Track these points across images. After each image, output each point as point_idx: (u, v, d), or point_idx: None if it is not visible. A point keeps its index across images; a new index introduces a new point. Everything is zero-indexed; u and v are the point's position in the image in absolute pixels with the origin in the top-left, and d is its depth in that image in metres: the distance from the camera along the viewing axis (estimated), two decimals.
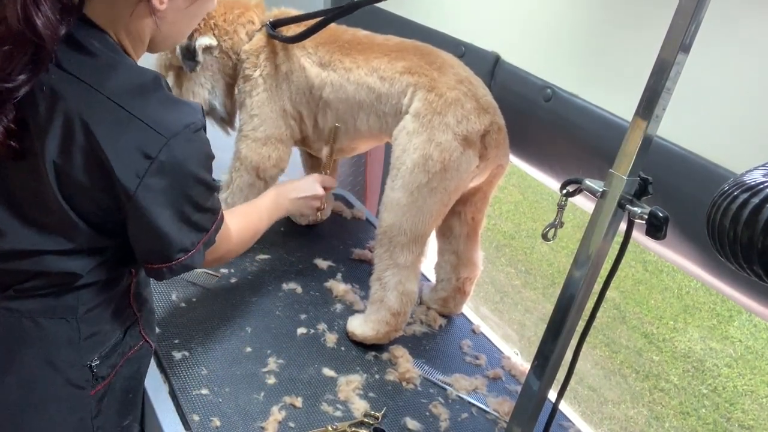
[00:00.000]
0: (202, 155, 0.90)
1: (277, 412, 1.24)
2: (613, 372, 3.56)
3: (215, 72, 1.60)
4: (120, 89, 0.84)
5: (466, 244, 1.62)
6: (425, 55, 1.47)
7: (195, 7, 0.94)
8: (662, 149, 1.11)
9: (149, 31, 0.92)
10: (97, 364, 0.98)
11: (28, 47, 0.80)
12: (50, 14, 0.80)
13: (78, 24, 0.85)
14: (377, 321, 1.47)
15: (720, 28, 1.02)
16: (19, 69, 0.81)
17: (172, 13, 0.91)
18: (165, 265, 0.94)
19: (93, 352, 0.98)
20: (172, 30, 0.94)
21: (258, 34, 1.58)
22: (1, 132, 0.83)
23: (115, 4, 0.87)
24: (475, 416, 1.39)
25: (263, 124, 1.58)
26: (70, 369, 0.96)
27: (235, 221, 1.11)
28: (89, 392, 0.98)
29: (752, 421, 3.39)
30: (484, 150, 1.41)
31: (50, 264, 0.91)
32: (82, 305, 0.95)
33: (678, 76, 0.82)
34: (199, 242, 0.95)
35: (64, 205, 0.86)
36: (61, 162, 0.84)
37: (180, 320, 1.44)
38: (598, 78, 1.29)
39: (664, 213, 0.83)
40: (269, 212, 1.30)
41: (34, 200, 0.88)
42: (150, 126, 0.83)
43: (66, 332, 0.95)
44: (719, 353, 3.86)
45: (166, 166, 0.85)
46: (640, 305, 4.20)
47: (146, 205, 0.86)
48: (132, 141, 0.83)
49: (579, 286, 0.93)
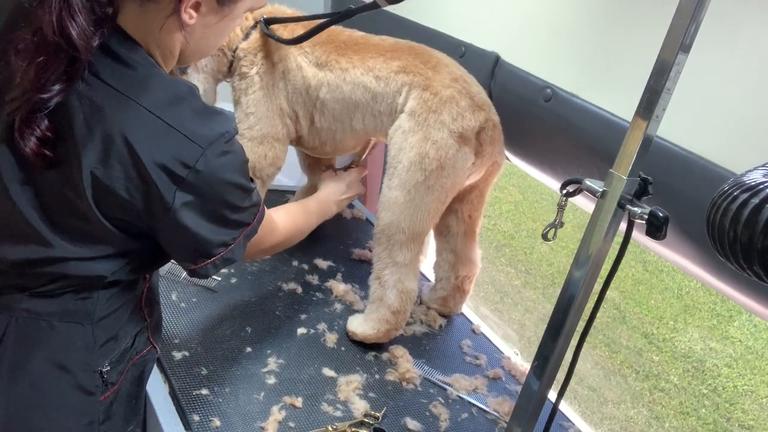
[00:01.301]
0: (239, 162, 0.91)
1: (277, 412, 1.24)
2: (613, 372, 3.56)
3: (208, 73, 1.60)
4: (157, 100, 0.85)
5: (464, 242, 1.62)
6: (420, 55, 1.47)
7: (224, 22, 0.94)
8: (662, 149, 1.11)
9: (179, 44, 0.93)
10: (108, 370, 0.98)
11: (62, 58, 0.81)
12: (85, 25, 0.81)
13: (113, 35, 0.86)
14: (377, 320, 1.47)
15: (720, 28, 1.03)
16: (54, 79, 0.81)
17: (200, 29, 0.92)
18: (207, 262, 0.95)
19: (105, 358, 0.98)
20: (201, 44, 0.95)
21: (254, 32, 1.58)
22: (35, 141, 0.84)
23: (146, 18, 0.88)
24: (475, 416, 1.39)
25: (259, 122, 1.58)
26: (81, 374, 0.96)
27: (282, 216, 1.15)
28: (98, 398, 0.98)
29: (752, 421, 3.39)
30: (480, 147, 1.42)
31: (74, 268, 0.91)
32: (99, 310, 0.96)
33: (678, 76, 0.82)
34: (240, 235, 0.96)
35: (97, 212, 0.87)
36: (100, 172, 0.85)
37: (180, 320, 1.44)
38: (598, 78, 1.29)
39: (664, 213, 0.83)
40: (318, 213, 1.37)
41: (66, 208, 0.89)
42: (187, 136, 0.85)
43: (80, 337, 0.95)
44: (719, 353, 3.87)
45: (204, 175, 0.86)
46: (640, 305, 4.21)
47: (184, 215, 0.87)
48: (170, 151, 0.84)
49: (579, 286, 0.93)
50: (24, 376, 0.93)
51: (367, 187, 2.43)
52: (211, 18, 0.92)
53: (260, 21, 1.55)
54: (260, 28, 1.55)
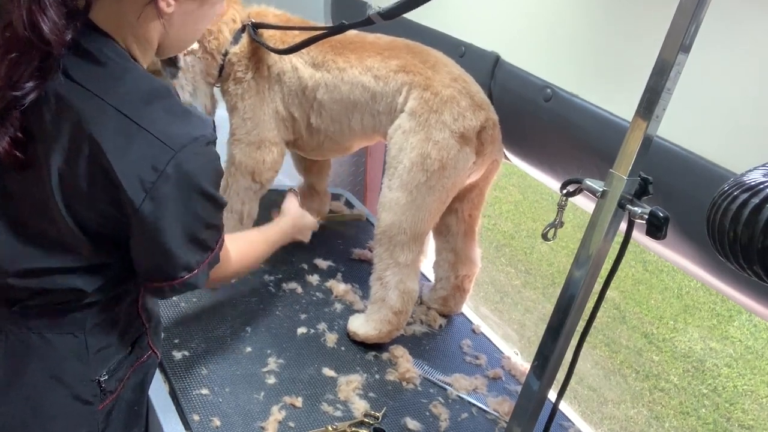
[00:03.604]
0: (212, 170, 0.87)
1: (277, 412, 1.24)
2: (613, 372, 3.56)
3: (197, 74, 1.56)
4: (128, 99, 0.82)
5: (463, 241, 1.63)
6: (418, 54, 1.47)
7: (203, 9, 0.91)
8: (662, 149, 1.11)
9: (157, 35, 0.90)
10: (105, 378, 0.96)
11: (35, 54, 0.79)
12: (56, 19, 0.78)
13: (84, 30, 0.84)
14: (379, 320, 1.47)
15: (720, 28, 1.02)
16: (27, 77, 0.79)
17: (179, 17, 0.89)
18: (167, 283, 0.91)
19: (101, 367, 0.96)
20: (180, 33, 0.92)
21: (243, 36, 1.54)
22: (8, 141, 0.82)
23: (121, 8, 0.85)
24: (475, 416, 1.39)
25: (256, 127, 1.57)
26: (77, 384, 0.94)
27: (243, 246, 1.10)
28: (97, 407, 0.97)
29: (752, 421, 3.39)
30: (481, 146, 1.42)
31: (56, 282, 0.89)
32: (90, 320, 0.94)
33: (678, 76, 0.82)
34: (204, 261, 0.92)
35: (66, 215, 0.85)
36: (67, 172, 0.83)
37: (180, 320, 1.44)
38: (598, 78, 1.28)
39: (664, 213, 0.83)
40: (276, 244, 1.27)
41: (36, 211, 0.87)
42: (158, 138, 0.81)
43: (73, 347, 0.93)
44: (719, 353, 3.86)
45: (174, 179, 0.82)
46: (640, 305, 4.20)
47: (152, 219, 0.83)
48: (139, 153, 0.81)
49: (579, 286, 0.93)
50: (18, 390, 0.92)
51: (367, 187, 2.43)
52: (190, 4, 0.89)
53: (248, 25, 1.52)
54: (249, 33, 1.52)
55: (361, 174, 2.41)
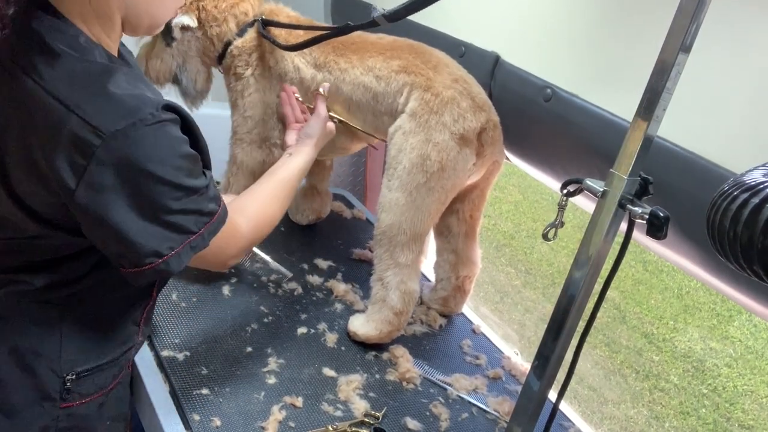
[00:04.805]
0: (162, 152, 0.81)
1: (277, 412, 1.24)
2: (613, 372, 3.56)
3: (191, 50, 1.54)
4: (61, 81, 0.79)
5: (464, 242, 1.62)
6: (420, 54, 1.47)
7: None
8: (662, 149, 1.11)
9: (117, 10, 0.86)
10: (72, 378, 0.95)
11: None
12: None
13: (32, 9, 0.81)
14: (380, 321, 1.47)
15: (720, 28, 1.02)
16: None
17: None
18: (137, 269, 0.86)
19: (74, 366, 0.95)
20: (142, 7, 0.87)
21: (250, 31, 1.54)
22: None
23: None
24: (475, 416, 1.39)
25: (257, 126, 1.57)
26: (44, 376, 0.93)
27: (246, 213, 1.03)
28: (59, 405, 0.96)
29: (752, 421, 3.39)
30: (481, 148, 1.42)
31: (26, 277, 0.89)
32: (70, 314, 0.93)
33: (678, 76, 0.82)
34: (180, 245, 0.87)
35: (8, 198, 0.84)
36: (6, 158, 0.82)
37: (180, 320, 1.44)
38: (598, 78, 1.29)
39: (664, 213, 0.83)
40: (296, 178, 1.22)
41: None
42: (88, 122, 0.77)
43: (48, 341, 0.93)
44: (719, 353, 3.87)
45: (108, 162, 0.78)
46: (640, 305, 4.21)
47: (92, 205, 0.80)
48: (69, 138, 0.77)
49: (579, 287, 0.93)
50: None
51: (367, 187, 2.43)
52: None
53: (258, 20, 1.53)
54: (257, 27, 1.53)
55: (361, 174, 2.41)
